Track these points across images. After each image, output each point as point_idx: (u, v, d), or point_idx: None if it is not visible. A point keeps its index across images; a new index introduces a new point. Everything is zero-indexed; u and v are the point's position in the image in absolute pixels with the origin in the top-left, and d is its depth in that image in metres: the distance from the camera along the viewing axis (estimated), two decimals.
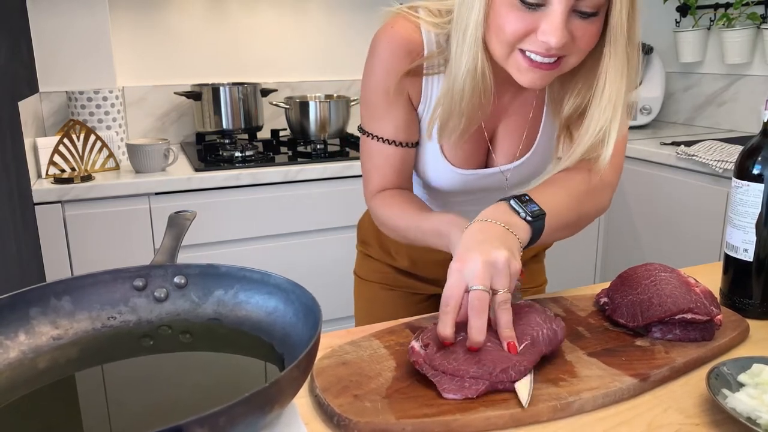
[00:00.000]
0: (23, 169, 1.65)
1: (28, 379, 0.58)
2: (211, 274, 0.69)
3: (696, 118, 2.72)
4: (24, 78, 1.87)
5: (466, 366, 0.65)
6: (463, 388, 0.64)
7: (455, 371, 0.65)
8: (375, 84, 0.91)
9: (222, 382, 0.60)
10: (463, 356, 0.66)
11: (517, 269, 0.71)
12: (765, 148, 0.80)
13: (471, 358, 0.66)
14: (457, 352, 0.67)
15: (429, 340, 0.69)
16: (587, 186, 0.86)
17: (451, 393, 0.63)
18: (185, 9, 2.27)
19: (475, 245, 0.71)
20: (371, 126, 0.94)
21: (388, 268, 1.15)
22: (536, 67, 0.78)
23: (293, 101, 2.22)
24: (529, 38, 0.77)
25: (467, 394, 0.63)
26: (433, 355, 0.67)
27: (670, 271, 0.81)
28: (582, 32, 0.77)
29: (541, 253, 1.21)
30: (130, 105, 2.26)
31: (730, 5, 2.43)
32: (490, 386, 0.64)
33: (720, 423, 0.61)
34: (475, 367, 0.65)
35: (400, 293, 1.16)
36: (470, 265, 0.69)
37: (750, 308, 0.84)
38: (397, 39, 0.89)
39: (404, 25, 0.89)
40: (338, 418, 0.61)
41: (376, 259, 1.16)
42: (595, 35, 0.78)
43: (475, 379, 0.64)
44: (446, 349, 0.68)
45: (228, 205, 1.90)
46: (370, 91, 0.93)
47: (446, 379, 0.65)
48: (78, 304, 0.65)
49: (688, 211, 2.08)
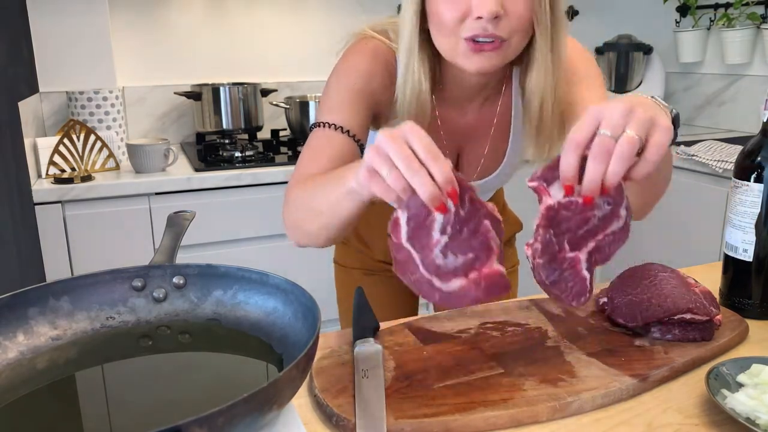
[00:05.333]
0: (23, 169, 1.65)
1: (26, 380, 0.58)
2: (210, 275, 0.69)
3: (696, 118, 2.72)
4: (24, 78, 1.87)
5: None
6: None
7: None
8: (344, 81, 0.89)
9: (221, 382, 0.60)
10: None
11: (667, 126, 0.62)
12: (765, 148, 0.80)
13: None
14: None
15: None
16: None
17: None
18: (185, 9, 2.27)
19: (623, 99, 0.64)
20: (325, 117, 0.89)
21: (367, 257, 1.17)
22: (480, 49, 0.80)
23: (293, 101, 2.22)
24: (466, 22, 0.79)
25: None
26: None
27: (669, 271, 0.81)
28: (513, 5, 0.79)
29: (513, 238, 1.23)
30: (130, 105, 2.26)
31: (730, 5, 2.43)
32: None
33: (719, 423, 0.61)
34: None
35: (381, 277, 1.17)
36: (610, 107, 0.62)
37: (749, 308, 0.83)
38: (372, 47, 0.91)
39: (378, 43, 0.91)
40: (337, 418, 0.61)
41: (354, 246, 1.18)
42: (526, 7, 0.80)
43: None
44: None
45: (228, 205, 1.90)
46: (334, 89, 0.90)
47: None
48: (77, 305, 0.65)
49: (688, 211, 2.08)
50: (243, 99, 2.20)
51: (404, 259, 0.64)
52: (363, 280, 1.18)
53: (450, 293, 0.64)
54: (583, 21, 2.85)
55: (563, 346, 0.74)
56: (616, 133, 0.60)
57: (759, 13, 2.31)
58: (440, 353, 0.73)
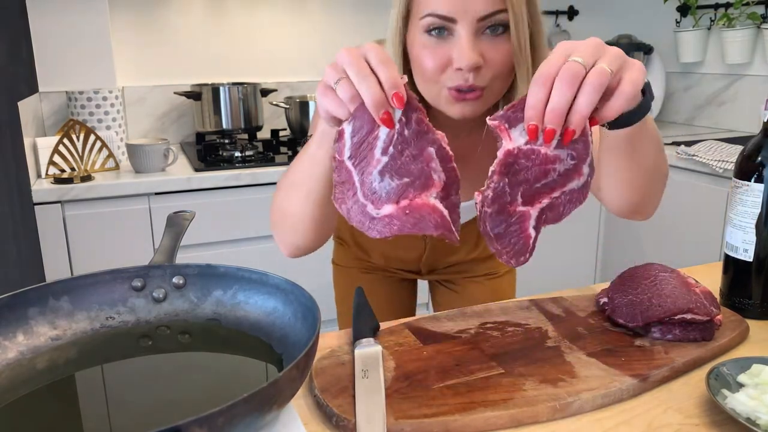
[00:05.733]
0: (23, 169, 1.65)
1: (26, 380, 0.58)
2: (210, 275, 0.69)
3: (696, 118, 2.72)
4: (24, 78, 1.87)
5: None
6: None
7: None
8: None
9: (221, 382, 0.60)
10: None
11: (640, 66, 0.61)
12: (765, 148, 0.79)
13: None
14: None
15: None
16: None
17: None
18: (185, 9, 2.27)
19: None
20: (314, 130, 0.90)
21: (365, 261, 1.18)
22: (461, 99, 0.80)
23: (293, 101, 2.22)
24: (447, 72, 0.79)
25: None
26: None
27: (669, 271, 0.81)
28: (492, 53, 0.79)
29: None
30: (130, 105, 2.26)
31: (730, 5, 2.43)
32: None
33: (719, 423, 0.61)
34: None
35: (378, 275, 1.19)
36: (582, 42, 0.60)
37: (750, 308, 0.83)
38: None
39: None
40: (337, 418, 0.61)
41: (353, 252, 1.19)
42: (505, 54, 0.79)
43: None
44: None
45: (228, 205, 1.89)
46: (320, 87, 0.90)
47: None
48: (76, 305, 0.65)
49: (688, 211, 2.08)
50: (243, 99, 2.20)
51: (343, 180, 0.62)
52: (361, 279, 1.18)
53: (378, 220, 0.62)
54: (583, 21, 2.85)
55: (563, 346, 0.74)
56: (588, 63, 0.58)
57: (759, 13, 2.31)
58: (440, 353, 0.73)
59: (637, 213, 0.87)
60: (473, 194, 1.00)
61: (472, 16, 0.76)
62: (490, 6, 0.76)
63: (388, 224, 0.62)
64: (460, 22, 0.77)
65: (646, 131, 0.71)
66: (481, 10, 0.76)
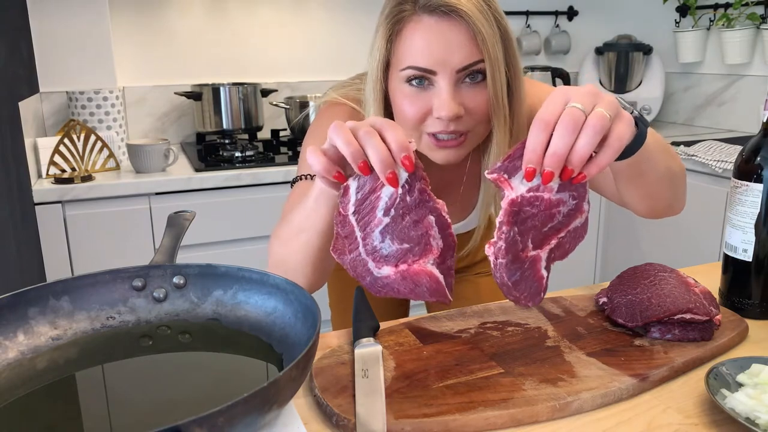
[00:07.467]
0: (23, 169, 1.65)
1: (26, 380, 0.58)
2: (210, 274, 0.69)
3: (696, 118, 2.72)
4: (24, 78, 1.87)
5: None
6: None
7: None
8: (318, 140, 0.84)
9: (221, 382, 0.60)
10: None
11: (630, 120, 0.62)
12: (765, 148, 0.80)
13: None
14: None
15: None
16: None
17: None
18: (185, 9, 2.27)
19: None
20: (303, 171, 0.91)
21: None
22: (443, 146, 0.82)
23: (293, 101, 2.22)
24: (429, 120, 0.81)
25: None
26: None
27: (669, 271, 0.81)
28: (472, 101, 0.81)
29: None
30: (130, 105, 2.26)
31: (729, 5, 2.43)
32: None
33: (719, 423, 0.61)
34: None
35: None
36: (578, 89, 0.61)
37: (749, 308, 0.83)
38: (341, 111, 0.93)
39: (348, 108, 0.93)
40: (337, 418, 0.61)
41: None
42: (485, 100, 0.81)
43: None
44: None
45: (228, 205, 1.90)
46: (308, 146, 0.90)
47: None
48: (77, 304, 0.65)
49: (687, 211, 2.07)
50: (243, 99, 2.20)
51: (346, 234, 0.64)
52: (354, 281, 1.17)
53: (378, 279, 0.65)
54: (582, 21, 2.85)
55: (563, 346, 0.74)
56: (587, 110, 0.59)
57: (759, 13, 2.31)
58: (440, 353, 0.73)
59: (668, 213, 0.90)
60: (461, 215, 1.01)
61: (451, 68, 0.79)
62: (469, 57, 0.79)
63: (387, 284, 0.65)
64: (440, 74, 0.79)
65: (648, 152, 0.72)
66: (460, 62, 0.79)
